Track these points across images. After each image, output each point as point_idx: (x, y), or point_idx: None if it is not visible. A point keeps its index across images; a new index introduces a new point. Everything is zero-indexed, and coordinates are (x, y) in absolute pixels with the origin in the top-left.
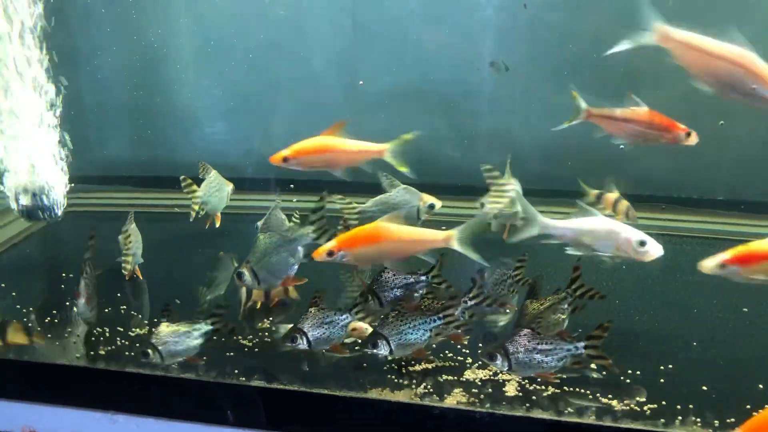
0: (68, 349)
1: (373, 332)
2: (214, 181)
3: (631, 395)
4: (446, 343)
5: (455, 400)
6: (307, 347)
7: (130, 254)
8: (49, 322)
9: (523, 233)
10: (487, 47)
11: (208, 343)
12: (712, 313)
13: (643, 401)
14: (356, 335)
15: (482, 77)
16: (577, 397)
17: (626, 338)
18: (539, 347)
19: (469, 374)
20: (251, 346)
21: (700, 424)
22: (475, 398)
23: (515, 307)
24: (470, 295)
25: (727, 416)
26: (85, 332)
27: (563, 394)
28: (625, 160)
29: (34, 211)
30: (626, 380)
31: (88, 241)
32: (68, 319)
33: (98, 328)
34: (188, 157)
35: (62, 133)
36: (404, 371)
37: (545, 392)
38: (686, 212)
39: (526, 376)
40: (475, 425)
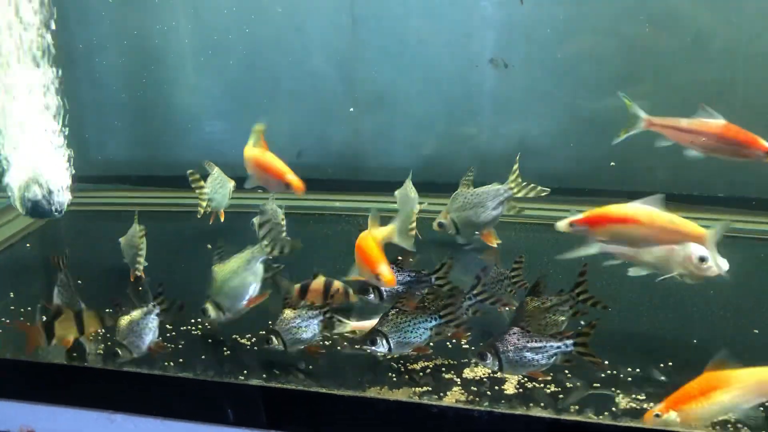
0: (70, 349)
1: (372, 329)
2: (217, 177)
3: (630, 393)
4: (446, 340)
5: (454, 398)
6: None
7: (142, 255)
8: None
9: (581, 251)
10: (487, 44)
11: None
12: (713, 312)
13: (642, 398)
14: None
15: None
16: (576, 395)
17: (626, 336)
18: (529, 345)
19: (468, 372)
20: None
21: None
22: (474, 396)
23: (515, 304)
24: (474, 291)
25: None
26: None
27: (563, 392)
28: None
29: (41, 205)
30: (627, 378)
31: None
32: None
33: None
34: (185, 155)
35: (66, 130)
36: (404, 369)
37: (545, 390)
38: (687, 209)
39: (516, 374)
40: (474, 424)
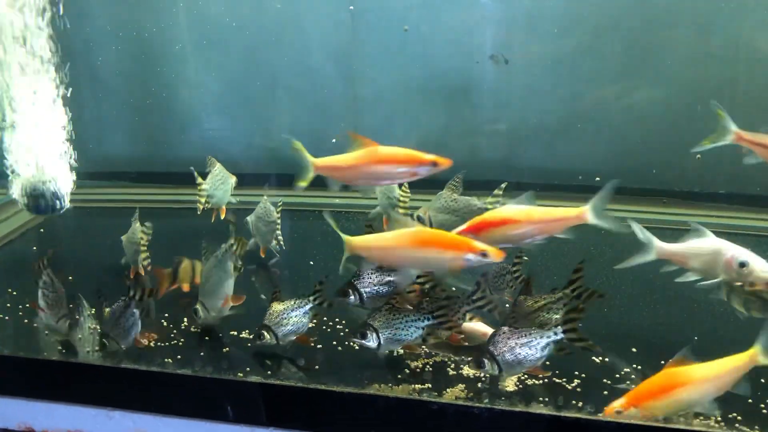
0: (65, 345)
1: (363, 322)
2: (218, 174)
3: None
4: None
5: (454, 395)
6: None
7: (145, 252)
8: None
9: (638, 258)
10: (487, 39)
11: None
12: (712, 307)
13: None
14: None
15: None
16: (576, 392)
17: (626, 334)
18: (519, 341)
19: (467, 370)
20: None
21: (701, 417)
22: (474, 393)
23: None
24: (473, 297)
25: (728, 411)
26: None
27: (562, 389)
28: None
29: (44, 200)
30: (627, 375)
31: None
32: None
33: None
34: (185, 152)
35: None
36: (403, 366)
37: (544, 388)
38: (688, 206)
39: (516, 374)
40: (474, 421)
